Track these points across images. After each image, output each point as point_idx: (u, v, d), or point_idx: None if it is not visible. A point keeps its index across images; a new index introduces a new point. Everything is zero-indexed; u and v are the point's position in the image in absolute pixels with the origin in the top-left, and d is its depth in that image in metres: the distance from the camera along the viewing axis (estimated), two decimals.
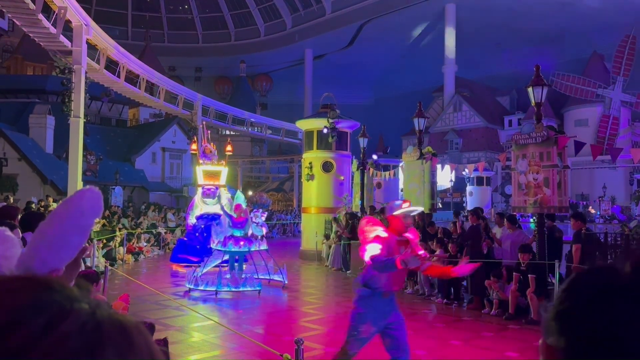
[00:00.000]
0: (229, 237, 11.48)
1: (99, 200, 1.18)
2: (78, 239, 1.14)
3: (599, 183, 32.80)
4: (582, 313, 0.68)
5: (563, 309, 0.71)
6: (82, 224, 1.14)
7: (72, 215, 1.12)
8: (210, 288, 10.84)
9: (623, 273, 0.69)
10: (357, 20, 45.20)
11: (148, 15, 52.31)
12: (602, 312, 0.66)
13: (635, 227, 10.39)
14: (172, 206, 30.67)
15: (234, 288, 10.91)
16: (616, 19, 37.03)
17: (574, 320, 0.69)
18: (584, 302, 0.69)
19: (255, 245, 11.57)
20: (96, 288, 5.28)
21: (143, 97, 29.21)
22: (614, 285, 0.68)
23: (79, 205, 1.13)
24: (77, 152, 20.32)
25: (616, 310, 0.66)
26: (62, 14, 18.89)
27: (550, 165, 8.94)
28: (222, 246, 11.48)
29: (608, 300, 0.67)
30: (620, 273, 0.70)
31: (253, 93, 55.21)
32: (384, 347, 4.74)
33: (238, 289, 10.93)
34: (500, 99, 44.18)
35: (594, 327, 0.66)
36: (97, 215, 1.16)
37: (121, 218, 20.39)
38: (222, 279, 10.98)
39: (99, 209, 1.18)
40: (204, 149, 16.67)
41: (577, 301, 0.70)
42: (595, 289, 0.70)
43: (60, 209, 1.15)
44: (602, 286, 0.69)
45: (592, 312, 0.67)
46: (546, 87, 9.22)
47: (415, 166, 14.44)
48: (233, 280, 11.10)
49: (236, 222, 11.60)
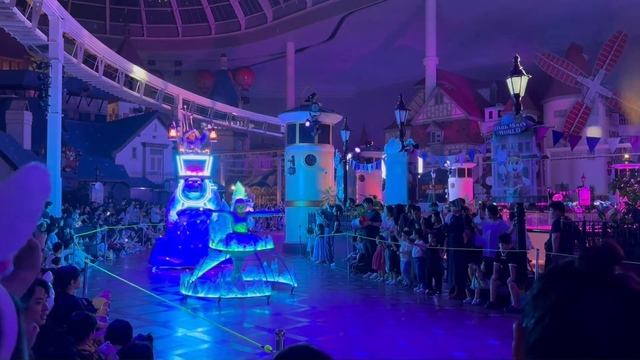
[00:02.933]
0: (232, 235, 10.12)
1: (47, 179, 1.03)
2: (26, 225, 0.99)
3: (578, 173, 33.30)
4: (543, 294, 0.79)
5: (533, 293, 0.82)
6: (31, 207, 0.99)
7: (18, 198, 0.97)
8: (212, 295, 9.55)
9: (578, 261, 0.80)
10: (338, 13, 45.08)
11: (126, 8, 51.51)
12: (557, 292, 0.77)
13: (613, 215, 10.58)
14: (153, 202, 30.42)
15: (240, 294, 9.65)
16: (594, 10, 37.49)
17: (538, 301, 0.79)
18: (547, 285, 0.79)
19: (262, 243, 10.22)
20: (75, 284, 5.22)
21: (122, 91, 28.84)
22: (571, 270, 0.79)
23: (26, 186, 0.99)
24: (56, 148, 20.03)
25: (568, 290, 0.76)
26: (38, 7, 18.54)
27: (529, 155, 9.05)
28: (224, 246, 10.04)
29: (564, 282, 0.78)
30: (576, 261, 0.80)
31: (235, 87, 54.83)
32: None
33: (245, 294, 9.69)
34: (480, 91, 44.51)
35: (550, 304, 0.77)
36: (46, 197, 1.02)
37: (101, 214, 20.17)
38: (225, 283, 9.78)
39: (47, 189, 1.03)
40: (187, 135, 15.03)
41: (542, 287, 0.80)
42: (557, 273, 0.80)
43: (4, 191, 0.98)
44: (562, 271, 0.80)
45: (551, 292, 0.78)
46: (525, 78, 9.31)
47: (397, 158, 14.50)
48: (239, 284, 9.88)
49: (239, 216, 10.34)
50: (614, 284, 0.75)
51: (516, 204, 9.42)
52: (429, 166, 28.95)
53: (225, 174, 44.31)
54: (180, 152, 14.95)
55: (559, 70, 35.39)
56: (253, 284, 10.00)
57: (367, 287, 11.58)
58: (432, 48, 41.06)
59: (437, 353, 6.63)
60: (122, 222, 20.51)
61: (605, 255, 0.78)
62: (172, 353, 6.49)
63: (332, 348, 6.60)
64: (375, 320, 8.48)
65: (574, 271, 0.79)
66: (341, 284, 12.16)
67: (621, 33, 33.95)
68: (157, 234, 20.10)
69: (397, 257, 11.56)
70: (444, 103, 41.37)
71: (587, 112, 35.54)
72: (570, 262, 0.82)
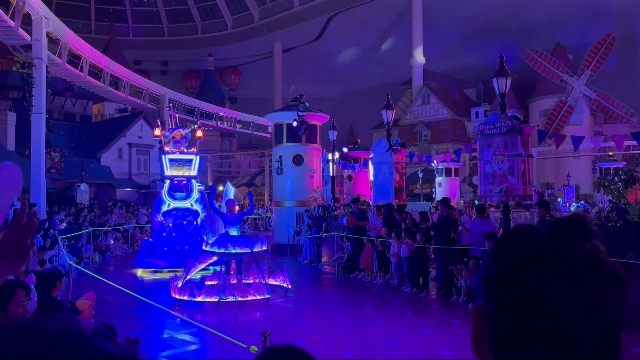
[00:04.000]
0: (226, 237, 9.84)
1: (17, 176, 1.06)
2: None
3: (564, 172, 33.65)
4: (506, 278, 0.72)
5: (489, 274, 0.74)
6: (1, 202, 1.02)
7: None
8: (211, 299, 9.19)
9: (542, 237, 0.73)
10: (325, 13, 45.10)
11: (112, 8, 51.07)
12: (523, 276, 0.70)
13: (597, 213, 10.69)
14: (140, 203, 30.19)
15: (240, 297, 9.30)
16: (578, 11, 37.92)
17: (500, 285, 0.72)
18: (508, 267, 0.72)
19: (258, 245, 9.93)
20: (59, 286, 5.15)
21: (108, 91, 28.60)
22: (534, 249, 0.72)
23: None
24: (40, 149, 19.79)
25: (535, 274, 0.69)
26: (21, 7, 18.31)
27: (515, 154, 9.12)
28: (220, 248, 9.74)
29: (528, 264, 0.71)
30: (540, 237, 0.73)
31: (222, 87, 54.61)
32: None
33: (245, 297, 9.37)
34: (467, 91, 44.80)
35: (516, 290, 0.70)
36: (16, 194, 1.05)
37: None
38: (226, 287, 9.42)
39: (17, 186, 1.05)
40: (173, 134, 14.68)
41: (501, 266, 0.73)
42: (517, 254, 0.73)
43: None
44: (523, 251, 0.72)
45: (515, 276, 0.71)
46: (510, 78, 9.38)
47: (384, 158, 14.54)
48: (240, 287, 9.54)
49: (231, 219, 10.00)
50: (587, 264, 0.70)
51: (502, 203, 9.49)
52: (416, 166, 29.08)
53: (213, 175, 44.12)
54: (166, 151, 14.63)
55: (546, 67, 35.69)
56: (253, 286, 9.70)
57: (355, 286, 11.58)
58: (418, 48, 41.25)
59: (425, 351, 6.65)
60: (108, 224, 20.32)
61: (573, 231, 0.71)
62: (158, 355, 6.44)
63: (320, 348, 6.59)
64: (363, 319, 8.48)
65: (538, 250, 0.71)
66: (329, 283, 12.15)
67: (609, 35, 34.36)
68: (144, 236, 19.92)
69: (385, 256, 11.58)
70: (431, 103, 41.57)
71: (569, 111, 35.92)
72: (526, 234, 0.74)
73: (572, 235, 0.71)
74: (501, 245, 0.76)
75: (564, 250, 0.70)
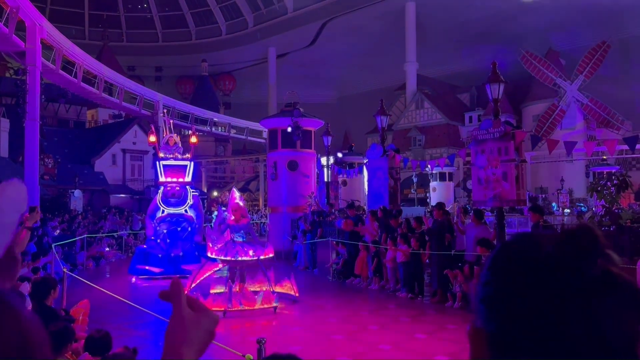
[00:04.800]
0: (232, 244, 9.44)
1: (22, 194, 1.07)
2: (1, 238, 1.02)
3: (557, 176, 33.84)
4: (508, 298, 0.66)
5: (489, 293, 0.68)
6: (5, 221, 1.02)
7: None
8: (217, 308, 8.80)
9: (547, 250, 0.67)
10: (318, 19, 45.24)
11: (106, 14, 51.03)
12: (527, 296, 0.64)
13: (590, 217, 10.76)
14: (134, 209, 30.09)
15: (247, 306, 9.05)
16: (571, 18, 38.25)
17: (502, 306, 0.66)
18: (510, 286, 0.66)
19: (264, 251, 9.57)
20: (54, 295, 5.13)
21: (101, 97, 28.55)
22: (539, 265, 0.65)
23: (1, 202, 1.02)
24: (34, 156, 19.72)
25: (541, 295, 0.63)
26: (15, 13, 18.28)
27: (508, 159, 9.17)
28: (226, 255, 9.33)
29: (532, 283, 0.64)
30: (543, 250, 0.67)
31: (216, 92, 54.62)
32: None
33: (252, 306, 9.09)
34: (460, 96, 45.02)
35: (520, 313, 0.64)
36: (22, 210, 1.06)
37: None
38: (232, 295, 9.05)
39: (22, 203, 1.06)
40: (167, 139, 14.54)
41: (502, 284, 0.67)
42: (519, 269, 0.66)
43: None
44: (525, 267, 0.66)
45: (518, 297, 0.65)
46: (503, 84, 9.44)
47: (378, 163, 14.57)
48: (246, 296, 9.24)
49: (236, 226, 9.60)
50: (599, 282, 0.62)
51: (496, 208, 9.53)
52: (410, 171, 29.15)
53: (207, 180, 44.06)
54: (160, 157, 14.47)
55: (540, 70, 35.89)
56: (260, 294, 9.38)
57: (350, 292, 11.58)
58: (412, 54, 41.43)
59: (420, 357, 6.66)
60: (102, 230, 20.22)
61: (582, 245, 0.64)
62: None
63: (316, 354, 6.59)
64: (358, 325, 8.48)
65: (544, 266, 0.65)
66: (324, 289, 12.15)
67: (604, 43, 34.64)
68: (139, 242, 19.83)
69: (380, 261, 11.60)
70: (425, 108, 41.73)
71: (561, 115, 36.12)
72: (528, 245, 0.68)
73: (581, 250, 0.64)
74: (501, 258, 0.70)
75: (572, 267, 0.64)
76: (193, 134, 15.50)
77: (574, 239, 0.64)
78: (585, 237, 0.64)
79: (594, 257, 0.64)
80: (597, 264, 0.64)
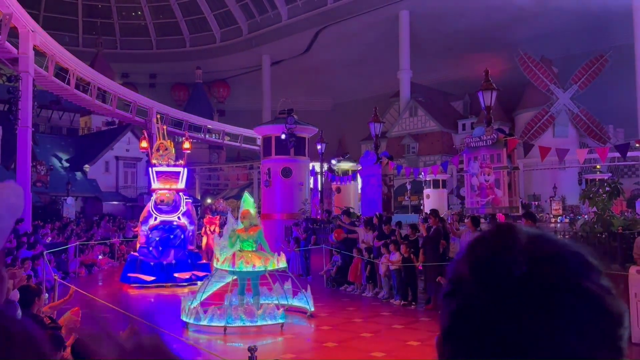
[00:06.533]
0: (241, 253, 8.94)
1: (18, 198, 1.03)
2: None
3: (550, 183, 33.98)
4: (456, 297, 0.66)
5: (445, 290, 0.68)
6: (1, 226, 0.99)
7: None
8: (217, 323, 8.45)
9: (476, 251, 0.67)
10: (313, 27, 45.40)
11: (99, 21, 51.01)
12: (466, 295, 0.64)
13: (583, 224, 10.80)
14: (127, 217, 29.95)
15: (249, 322, 8.55)
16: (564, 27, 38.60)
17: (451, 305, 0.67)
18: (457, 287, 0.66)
19: (273, 262, 8.97)
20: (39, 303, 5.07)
21: (95, 104, 28.47)
22: (473, 265, 0.66)
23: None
24: (26, 163, 19.61)
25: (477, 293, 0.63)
26: (7, 20, 18.24)
27: (501, 166, 9.21)
28: (231, 266, 8.82)
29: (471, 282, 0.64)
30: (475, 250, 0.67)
31: (210, 100, 54.60)
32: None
33: (254, 322, 8.55)
34: (453, 104, 45.23)
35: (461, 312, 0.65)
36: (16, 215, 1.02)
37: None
38: (232, 310, 8.59)
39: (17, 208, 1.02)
40: (158, 146, 14.27)
41: (454, 285, 0.67)
42: (462, 271, 0.66)
43: None
44: (467, 268, 0.66)
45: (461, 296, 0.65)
46: (495, 92, 9.50)
47: (372, 170, 14.60)
48: (248, 311, 8.67)
49: (246, 235, 9.06)
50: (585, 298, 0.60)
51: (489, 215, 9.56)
52: (404, 178, 29.20)
53: (201, 187, 43.94)
54: (152, 163, 14.27)
55: (535, 74, 36.12)
56: (264, 310, 8.74)
57: (344, 299, 11.55)
58: (406, 61, 41.64)
59: None
60: (94, 238, 20.10)
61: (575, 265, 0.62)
62: None
63: None
64: (351, 333, 8.45)
65: (478, 267, 0.64)
66: (318, 296, 12.10)
67: (602, 57, 35.05)
68: (131, 250, 19.71)
69: (374, 269, 11.58)
70: (419, 115, 41.88)
71: (549, 121, 36.33)
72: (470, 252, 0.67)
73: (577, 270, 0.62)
74: (455, 261, 0.70)
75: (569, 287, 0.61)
76: (186, 140, 15.43)
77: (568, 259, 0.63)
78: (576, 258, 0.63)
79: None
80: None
